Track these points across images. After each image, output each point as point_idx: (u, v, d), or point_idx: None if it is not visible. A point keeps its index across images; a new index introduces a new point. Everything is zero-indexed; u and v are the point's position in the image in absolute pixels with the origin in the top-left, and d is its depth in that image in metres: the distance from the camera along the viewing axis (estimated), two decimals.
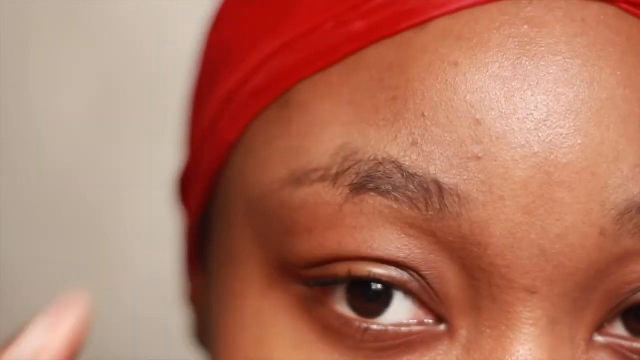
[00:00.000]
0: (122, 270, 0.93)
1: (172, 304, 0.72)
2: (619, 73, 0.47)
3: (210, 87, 0.56)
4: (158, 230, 0.83)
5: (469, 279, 0.47)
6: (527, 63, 0.47)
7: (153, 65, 0.88)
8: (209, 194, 0.56)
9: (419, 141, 0.47)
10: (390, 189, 0.47)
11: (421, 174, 0.47)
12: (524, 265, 0.46)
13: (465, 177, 0.46)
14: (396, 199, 0.47)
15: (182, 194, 0.61)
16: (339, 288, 0.49)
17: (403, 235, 0.47)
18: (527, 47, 0.47)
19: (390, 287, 0.48)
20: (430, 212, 0.47)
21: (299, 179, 0.49)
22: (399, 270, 0.48)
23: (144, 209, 0.82)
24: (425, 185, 0.47)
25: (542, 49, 0.47)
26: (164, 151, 0.64)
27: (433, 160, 0.47)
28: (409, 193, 0.47)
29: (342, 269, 0.48)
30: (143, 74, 0.90)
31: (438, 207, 0.47)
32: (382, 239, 0.47)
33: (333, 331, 0.49)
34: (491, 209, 0.46)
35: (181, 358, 0.77)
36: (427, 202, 0.47)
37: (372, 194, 0.47)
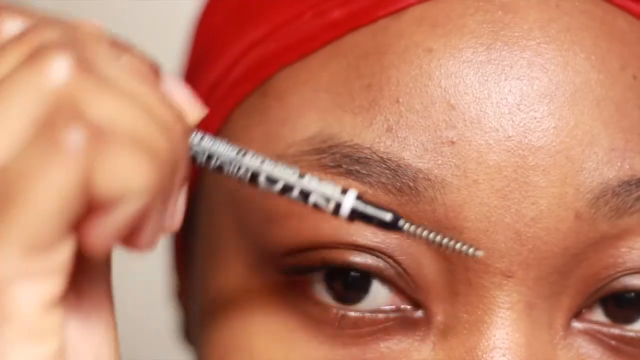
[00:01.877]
0: (120, 270, 0.94)
1: (162, 303, 0.72)
2: (593, 57, 0.47)
3: (196, 78, 0.56)
4: None
5: (445, 263, 0.47)
6: (501, 48, 0.47)
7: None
8: (193, 188, 0.57)
9: (393, 127, 0.47)
10: (365, 174, 0.47)
11: (395, 159, 0.47)
12: (499, 249, 0.46)
13: (440, 161, 0.46)
14: (371, 184, 0.47)
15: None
16: (317, 276, 0.49)
17: None
18: (501, 33, 0.48)
19: (367, 274, 0.48)
20: (404, 197, 0.47)
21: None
22: (375, 257, 0.48)
23: None
24: (400, 170, 0.47)
25: (517, 34, 0.48)
26: None
27: (407, 146, 0.47)
28: (384, 178, 0.47)
29: (316, 257, 0.48)
30: None
31: (412, 191, 0.47)
32: (358, 225, 0.47)
33: (311, 319, 0.49)
34: (465, 192, 0.46)
35: (170, 357, 0.77)
36: (401, 186, 0.47)
37: (347, 179, 0.47)
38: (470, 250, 0.45)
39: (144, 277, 0.86)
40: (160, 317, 0.78)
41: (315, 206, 0.45)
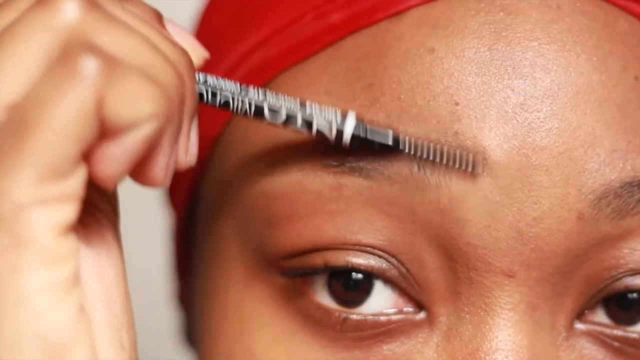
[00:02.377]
0: None
1: (164, 304, 0.72)
2: (595, 59, 0.47)
3: None
4: (150, 230, 0.83)
5: (447, 261, 0.47)
6: (503, 48, 0.47)
7: None
8: (194, 191, 0.57)
9: (394, 122, 0.47)
10: (370, 168, 0.47)
11: (399, 150, 0.46)
12: (501, 248, 0.46)
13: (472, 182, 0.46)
14: (375, 178, 0.47)
15: (169, 191, 0.62)
16: (319, 278, 0.49)
17: (383, 216, 0.47)
18: (503, 34, 0.48)
19: (369, 276, 0.48)
20: (410, 185, 0.47)
21: (278, 168, 0.49)
22: (378, 259, 0.48)
23: (135, 208, 0.82)
24: (404, 160, 0.47)
25: (518, 35, 0.48)
26: None
27: (411, 134, 0.47)
28: (388, 170, 0.47)
29: (318, 259, 0.48)
30: None
31: (418, 177, 0.47)
32: (362, 221, 0.47)
33: (313, 322, 0.49)
34: (470, 182, 0.46)
35: (172, 358, 0.77)
36: (407, 175, 0.47)
37: (350, 175, 0.47)
38: (471, 157, 0.46)
39: (147, 277, 0.86)
40: (163, 318, 0.78)
41: (319, 133, 0.46)
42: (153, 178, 0.42)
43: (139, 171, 0.42)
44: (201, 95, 0.46)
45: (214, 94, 0.46)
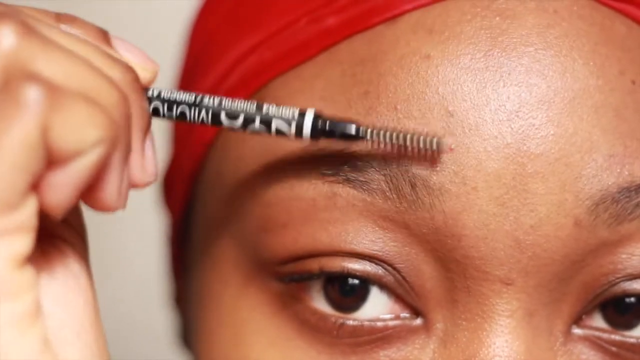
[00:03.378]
0: (114, 272, 0.94)
1: (161, 306, 0.72)
2: (591, 64, 0.47)
3: (191, 85, 0.56)
4: (149, 232, 0.83)
5: (444, 271, 0.47)
6: (499, 54, 0.47)
7: None
8: (189, 195, 0.57)
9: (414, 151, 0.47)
10: (363, 181, 0.47)
11: (394, 166, 0.47)
12: (498, 257, 0.46)
13: (438, 168, 0.46)
14: (369, 191, 0.47)
15: (165, 195, 0.61)
16: (315, 284, 0.49)
17: (377, 228, 0.47)
18: (499, 39, 0.47)
19: (365, 281, 0.48)
20: (403, 204, 0.47)
21: (273, 174, 0.49)
22: (374, 265, 0.48)
23: (134, 209, 0.82)
24: (398, 177, 0.47)
25: (514, 40, 0.47)
26: (157, 151, 0.64)
27: (405, 152, 0.46)
28: (382, 185, 0.47)
29: (314, 265, 0.48)
30: None
31: (411, 198, 0.46)
32: (356, 232, 0.47)
33: (310, 327, 0.49)
34: (464, 200, 0.46)
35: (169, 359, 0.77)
36: (399, 193, 0.47)
37: (345, 186, 0.47)
38: (435, 140, 0.45)
39: (144, 279, 0.86)
40: (160, 320, 0.78)
41: (279, 132, 0.46)
42: (105, 202, 0.42)
43: (90, 197, 0.41)
44: (157, 110, 0.46)
45: (169, 108, 0.46)
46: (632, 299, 0.48)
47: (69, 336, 0.42)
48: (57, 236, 0.43)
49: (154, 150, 0.45)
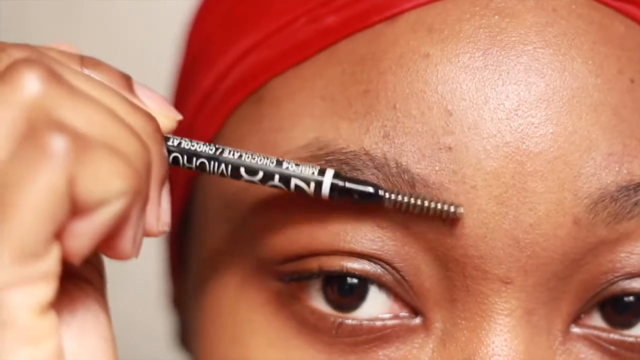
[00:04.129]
0: (113, 272, 0.94)
1: (162, 306, 0.72)
2: (590, 62, 0.47)
3: (188, 85, 0.56)
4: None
5: (443, 270, 0.47)
6: (498, 53, 0.47)
7: (148, 65, 0.88)
8: (188, 195, 0.57)
9: (390, 133, 0.47)
10: (363, 180, 0.47)
11: (393, 165, 0.47)
12: (497, 256, 0.46)
13: (437, 167, 0.46)
14: (372, 184, 0.47)
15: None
16: (314, 283, 0.49)
17: (376, 228, 0.47)
18: (498, 37, 0.47)
19: (364, 280, 0.48)
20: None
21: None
22: (373, 264, 0.48)
23: None
24: (396, 176, 0.47)
25: (513, 38, 0.47)
26: None
27: (405, 152, 0.47)
28: (381, 183, 0.47)
29: (313, 264, 0.48)
30: (139, 73, 0.90)
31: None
32: (355, 231, 0.47)
33: (309, 327, 0.49)
34: (463, 199, 0.46)
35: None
36: (399, 192, 0.47)
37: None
38: (452, 209, 0.46)
39: (143, 280, 0.86)
40: (160, 321, 0.78)
41: (297, 189, 0.46)
42: (122, 252, 0.42)
43: (107, 245, 0.42)
44: (176, 159, 0.46)
45: (189, 159, 0.46)
46: (631, 298, 0.48)
47: None
48: (78, 275, 0.43)
49: (169, 200, 0.45)
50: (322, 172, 0.46)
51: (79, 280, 0.43)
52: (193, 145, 0.46)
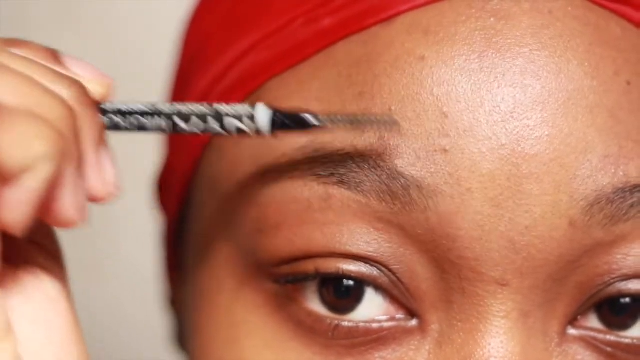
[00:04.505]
0: (112, 271, 0.94)
1: (161, 306, 0.72)
2: (586, 64, 0.47)
3: (186, 86, 0.56)
4: (147, 231, 0.83)
5: (439, 272, 0.47)
6: (494, 55, 0.47)
7: (148, 65, 0.88)
8: (184, 196, 0.57)
9: (385, 135, 0.47)
10: (358, 182, 0.47)
11: (388, 167, 0.47)
12: (493, 258, 0.46)
13: (432, 170, 0.46)
14: (363, 193, 0.47)
15: (159, 196, 0.61)
16: (310, 285, 0.49)
17: (372, 230, 0.47)
18: (494, 40, 0.47)
19: (361, 282, 0.48)
20: (397, 205, 0.47)
21: (268, 176, 0.49)
22: (369, 266, 0.48)
23: (133, 208, 0.82)
24: (392, 179, 0.47)
25: (509, 41, 0.47)
26: (155, 151, 0.64)
27: (400, 154, 0.47)
28: (376, 186, 0.47)
29: (309, 266, 0.48)
30: (139, 73, 0.90)
31: (405, 200, 0.47)
32: (351, 233, 0.47)
33: (305, 329, 0.49)
34: (459, 201, 0.46)
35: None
36: (393, 195, 0.47)
37: (339, 187, 0.47)
38: (387, 120, 0.46)
39: (143, 279, 0.86)
40: (159, 321, 0.78)
41: (240, 131, 0.46)
42: (64, 217, 0.41)
43: (48, 213, 0.41)
44: (118, 125, 0.46)
45: (128, 120, 0.46)
46: (627, 300, 0.48)
47: (47, 355, 0.42)
48: (32, 262, 0.43)
49: (113, 161, 0.44)
50: (253, 108, 0.46)
51: (34, 268, 0.43)
52: (129, 106, 0.46)
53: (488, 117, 0.46)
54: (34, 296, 0.42)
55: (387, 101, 0.47)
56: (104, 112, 0.45)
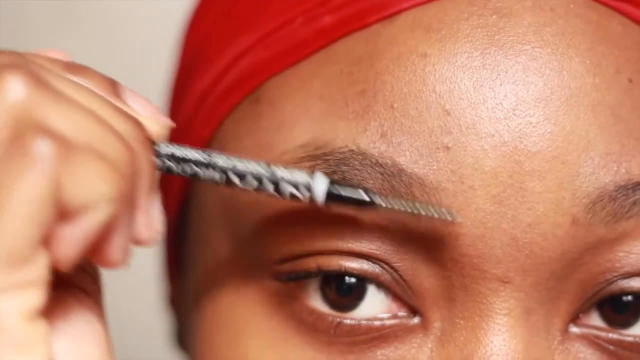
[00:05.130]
0: (115, 272, 0.93)
1: (161, 306, 0.72)
2: (588, 62, 0.47)
3: (186, 86, 0.56)
4: None
5: (441, 269, 0.47)
6: (496, 52, 0.47)
7: (148, 65, 0.88)
8: (185, 194, 0.57)
9: (388, 132, 0.47)
10: (361, 179, 0.47)
11: (390, 165, 0.47)
12: (496, 255, 0.46)
13: (435, 167, 0.46)
14: (366, 190, 0.47)
15: (160, 195, 0.61)
16: (312, 282, 0.49)
17: (374, 227, 0.47)
18: (496, 37, 0.47)
19: (363, 280, 0.48)
20: None
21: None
22: (371, 264, 0.48)
23: None
24: (395, 176, 0.47)
25: (511, 38, 0.47)
26: None
27: (402, 151, 0.47)
28: (378, 184, 0.47)
29: (311, 263, 0.48)
30: (139, 73, 0.90)
31: (408, 197, 0.46)
32: (354, 230, 0.47)
33: (307, 326, 0.49)
34: (461, 198, 0.46)
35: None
36: (396, 192, 0.47)
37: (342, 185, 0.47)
38: (447, 213, 0.45)
39: (144, 279, 0.86)
40: (159, 320, 0.78)
41: (293, 197, 0.46)
42: (110, 259, 0.41)
43: (95, 253, 0.41)
44: (170, 169, 0.45)
45: (181, 167, 0.45)
46: (630, 297, 0.48)
47: None
48: (73, 284, 0.43)
49: (160, 207, 0.44)
50: (311, 175, 0.46)
51: (73, 289, 0.43)
52: (184, 152, 0.45)
53: (490, 114, 0.46)
54: (74, 321, 0.42)
55: (389, 98, 0.47)
56: (158, 154, 0.45)
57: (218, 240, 0.52)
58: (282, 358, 0.49)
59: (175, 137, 0.57)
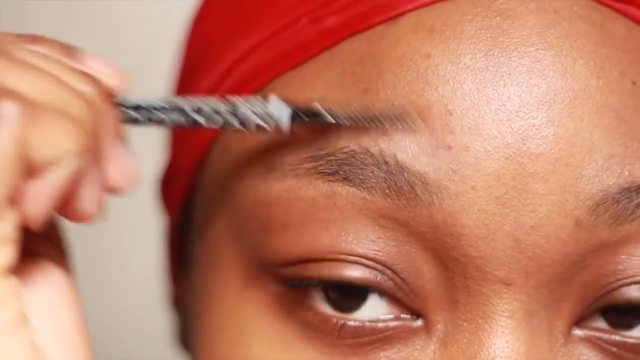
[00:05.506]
0: (117, 271, 0.94)
1: (163, 306, 0.72)
2: (592, 64, 0.47)
3: (189, 86, 0.56)
4: (149, 232, 0.83)
5: (443, 271, 0.47)
6: (500, 54, 0.47)
7: (149, 65, 0.88)
8: (188, 194, 0.57)
9: (389, 130, 0.47)
10: (363, 178, 0.47)
11: (392, 162, 0.47)
12: (498, 257, 0.46)
13: (436, 165, 0.46)
14: (369, 189, 0.47)
15: (162, 196, 0.61)
16: (314, 286, 0.49)
17: (377, 227, 0.47)
18: (500, 39, 0.47)
19: (365, 289, 0.48)
20: (402, 201, 0.47)
21: (273, 175, 0.49)
22: (373, 271, 0.48)
23: (136, 208, 0.82)
24: (397, 173, 0.46)
25: (515, 40, 0.47)
26: (159, 151, 0.64)
27: (403, 148, 0.47)
28: (381, 182, 0.47)
29: (313, 271, 0.48)
30: (140, 73, 0.90)
31: (410, 195, 0.46)
32: (356, 231, 0.47)
33: (311, 328, 0.49)
34: (463, 199, 0.46)
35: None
36: (398, 190, 0.47)
37: (344, 185, 0.47)
38: (410, 123, 0.46)
39: (144, 279, 0.86)
40: (160, 320, 0.78)
41: (259, 128, 0.47)
42: (82, 212, 0.42)
43: (67, 208, 0.42)
44: (136, 119, 0.46)
45: (145, 115, 0.46)
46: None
47: (57, 347, 0.42)
48: (40, 254, 0.44)
49: (132, 156, 0.45)
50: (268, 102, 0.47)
51: (42, 259, 0.44)
52: (148, 102, 0.46)
53: (494, 115, 0.46)
54: (44, 287, 0.43)
55: (391, 97, 0.47)
56: (122, 105, 0.46)
57: (221, 242, 0.52)
58: (286, 359, 0.49)
59: (179, 137, 0.57)
